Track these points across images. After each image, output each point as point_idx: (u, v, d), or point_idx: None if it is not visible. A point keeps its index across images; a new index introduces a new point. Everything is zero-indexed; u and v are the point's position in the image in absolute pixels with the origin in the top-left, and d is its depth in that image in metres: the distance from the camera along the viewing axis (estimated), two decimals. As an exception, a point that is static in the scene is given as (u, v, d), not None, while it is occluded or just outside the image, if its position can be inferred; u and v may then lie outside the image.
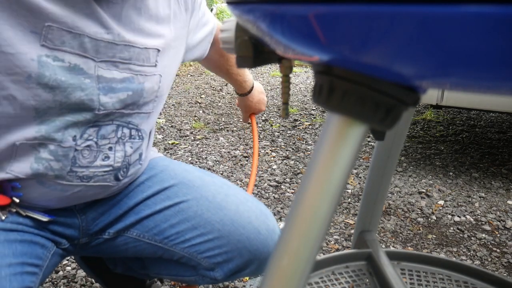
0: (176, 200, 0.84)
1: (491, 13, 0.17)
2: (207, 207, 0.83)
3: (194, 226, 0.82)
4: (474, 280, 0.78)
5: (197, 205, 0.83)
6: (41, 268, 0.74)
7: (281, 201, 1.89)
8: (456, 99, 2.13)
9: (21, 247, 0.70)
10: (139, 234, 0.85)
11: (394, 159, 0.77)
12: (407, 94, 0.27)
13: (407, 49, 0.20)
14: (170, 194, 0.85)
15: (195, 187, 0.86)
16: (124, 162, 0.78)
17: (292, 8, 0.23)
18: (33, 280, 0.69)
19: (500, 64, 0.19)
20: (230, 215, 0.82)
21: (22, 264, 0.68)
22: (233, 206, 0.83)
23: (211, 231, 0.81)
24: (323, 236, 0.30)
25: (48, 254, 0.77)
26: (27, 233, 0.73)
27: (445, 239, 1.61)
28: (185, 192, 0.85)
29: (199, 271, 0.86)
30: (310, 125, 3.02)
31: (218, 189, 0.86)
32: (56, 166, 0.72)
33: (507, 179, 2.12)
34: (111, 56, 0.71)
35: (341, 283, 0.78)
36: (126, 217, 0.85)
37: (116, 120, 0.75)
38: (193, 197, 0.84)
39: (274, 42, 0.29)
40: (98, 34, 0.68)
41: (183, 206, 0.84)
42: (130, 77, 0.74)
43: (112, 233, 0.85)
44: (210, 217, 0.82)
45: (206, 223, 0.82)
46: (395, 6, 0.19)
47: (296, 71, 5.25)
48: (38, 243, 0.75)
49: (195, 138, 2.71)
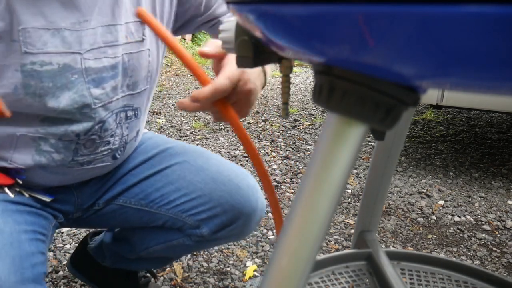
0: (160, 167, 0.89)
1: (491, 13, 0.17)
2: (189, 169, 0.87)
3: (177, 188, 0.86)
4: (474, 280, 0.78)
5: (180, 169, 0.88)
6: (47, 237, 0.77)
7: (281, 201, 1.89)
8: (456, 99, 2.13)
9: (30, 217, 0.74)
10: (125, 201, 0.89)
11: (394, 159, 0.77)
12: (407, 94, 0.27)
13: (407, 49, 0.20)
14: (155, 162, 0.89)
15: (178, 154, 0.90)
16: (121, 142, 0.81)
17: (292, 8, 0.23)
18: (44, 247, 0.73)
19: (500, 64, 0.19)
20: (211, 175, 0.86)
21: (34, 232, 0.72)
22: (214, 167, 0.88)
23: (194, 191, 0.85)
24: (323, 236, 0.30)
25: (50, 226, 0.80)
26: (32, 207, 0.77)
27: (445, 239, 1.61)
28: (169, 159, 0.89)
29: (186, 231, 0.89)
30: (310, 125, 3.02)
31: (200, 154, 0.91)
32: (57, 157, 0.74)
33: (507, 179, 2.12)
34: (93, 43, 0.69)
35: (341, 283, 0.78)
36: (114, 188, 0.89)
37: (115, 109, 0.76)
38: (176, 162, 0.89)
39: (273, 43, 0.29)
40: (76, 25, 0.66)
41: (167, 171, 0.88)
42: (120, 60, 0.73)
43: (101, 204, 0.89)
44: (193, 178, 0.86)
45: (189, 184, 0.86)
46: (395, 6, 0.19)
47: (296, 71, 5.24)
48: (42, 215, 0.78)
49: (195, 138, 2.71)
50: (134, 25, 0.74)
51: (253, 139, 2.71)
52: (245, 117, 0.63)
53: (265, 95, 3.89)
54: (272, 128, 2.96)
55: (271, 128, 2.95)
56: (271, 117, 3.23)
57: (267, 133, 2.84)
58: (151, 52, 0.79)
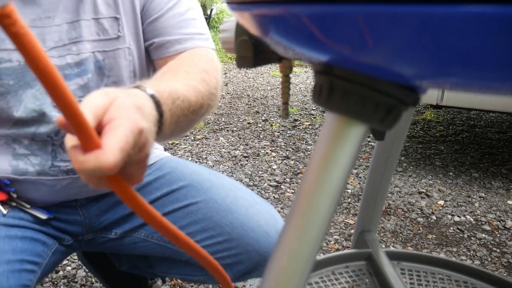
0: (185, 202, 0.83)
1: (491, 13, 0.17)
2: (216, 209, 0.81)
3: (203, 228, 0.81)
4: (474, 280, 0.78)
5: (207, 208, 0.82)
6: (40, 266, 0.74)
7: (281, 201, 1.89)
8: (456, 99, 2.13)
9: (21, 243, 0.70)
10: (147, 235, 0.84)
11: (394, 159, 0.77)
12: (407, 94, 0.27)
13: (407, 49, 0.20)
14: (179, 196, 0.84)
15: (204, 190, 0.84)
16: None
17: (292, 8, 0.23)
18: (30, 278, 0.69)
19: (500, 64, 0.19)
20: (240, 218, 0.80)
21: (21, 261, 0.68)
22: (243, 209, 0.82)
23: (221, 234, 0.80)
24: (323, 236, 0.30)
25: (49, 252, 0.76)
26: (28, 229, 0.73)
27: (445, 239, 1.61)
28: (194, 195, 0.83)
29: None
30: (310, 125, 3.02)
31: (227, 192, 0.85)
32: (35, 161, 0.70)
33: (507, 179, 2.12)
34: (58, 41, 0.66)
35: (341, 283, 0.78)
36: (133, 218, 0.84)
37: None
38: (202, 199, 0.83)
39: (273, 42, 0.29)
40: (37, 21, 0.63)
41: (192, 208, 0.82)
42: (87, 57, 0.69)
43: (119, 233, 0.84)
44: (220, 220, 0.81)
45: (216, 225, 0.80)
46: (395, 6, 0.19)
47: (296, 71, 5.24)
48: (39, 240, 0.75)
49: (195, 138, 2.71)
50: (108, 21, 0.70)
51: (253, 139, 2.71)
52: (139, 183, 0.46)
53: (265, 95, 3.89)
54: (272, 128, 2.96)
55: (271, 128, 2.95)
56: (271, 117, 3.23)
57: (267, 133, 2.84)
58: (132, 51, 0.74)
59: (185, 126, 0.63)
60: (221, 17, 6.80)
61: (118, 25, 0.71)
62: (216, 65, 0.74)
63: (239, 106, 3.50)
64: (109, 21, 0.70)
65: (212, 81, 0.68)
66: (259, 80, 4.58)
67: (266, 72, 5.09)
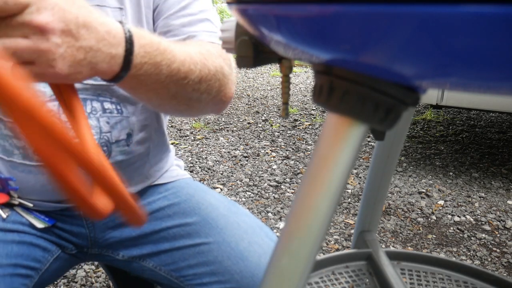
0: (197, 240, 0.80)
1: (491, 13, 0.17)
2: (228, 254, 0.78)
3: (212, 271, 0.78)
4: (474, 280, 0.78)
5: (218, 250, 0.78)
6: (38, 271, 0.72)
7: (281, 201, 1.89)
8: (456, 99, 2.13)
9: (17, 248, 0.69)
10: (155, 266, 0.82)
11: (394, 159, 0.77)
12: (407, 94, 0.27)
13: (407, 49, 0.20)
14: (191, 231, 0.80)
15: (219, 229, 0.80)
16: (102, 139, 0.72)
17: (292, 8, 0.23)
18: (25, 283, 0.69)
19: (500, 64, 0.19)
20: (251, 267, 0.77)
21: (15, 266, 0.67)
22: (255, 257, 0.78)
23: (229, 281, 0.77)
24: (323, 236, 0.30)
25: (49, 258, 0.75)
26: (28, 234, 0.72)
27: (445, 239, 1.61)
28: (207, 233, 0.80)
29: None
30: (310, 125, 3.02)
31: (242, 235, 0.81)
32: (18, 144, 0.69)
33: (507, 179, 2.12)
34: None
35: (341, 283, 0.78)
36: (141, 245, 0.82)
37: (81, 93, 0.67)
38: (215, 240, 0.79)
39: (273, 42, 0.29)
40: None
41: (203, 248, 0.79)
42: None
43: (126, 257, 0.82)
44: (230, 266, 0.77)
45: (226, 271, 0.77)
46: (395, 6, 0.19)
47: (296, 71, 5.24)
48: (39, 245, 0.74)
49: (195, 138, 2.71)
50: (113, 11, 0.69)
51: (253, 139, 2.71)
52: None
53: (265, 95, 3.89)
54: (272, 128, 2.96)
55: (271, 128, 2.95)
56: (271, 117, 3.23)
57: (267, 133, 2.84)
58: None
59: (172, 87, 0.58)
60: (221, 17, 6.80)
61: (122, 15, 0.69)
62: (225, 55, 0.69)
63: (239, 106, 3.50)
64: (114, 10, 0.68)
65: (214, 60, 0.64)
66: (259, 80, 4.58)
67: (266, 72, 5.08)
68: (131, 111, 0.74)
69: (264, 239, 0.81)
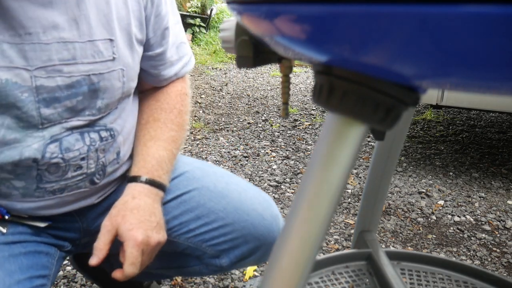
0: (178, 192, 0.83)
1: (491, 13, 0.17)
2: (209, 196, 0.82)
3: (197, 216, 0.81)
4: (474, 280, 0.78)
5: (199, 195, 0.82)
6: (49, 277, 0.73)
7: (281, 201, 1.89)
8: (456, 99, 2.13)
9: (26, 260, 0.69)
10: None
11: (394, 159, 0.77)
12: (407, 94, 0.27)
13: (407, 49, 0.20)
14: (171, 187, 0.84)
15: (196, 178, 0.85)
16: (98, 165, 0.74)
17: (292, 8, 0.23)
18: None
19: (500, 64, 0.19)
20: (233, 203, 0.81)
21: (31, 279, 0.67)
22: (236, 194, 0.82)
23: (215, 220, 0.80)
24: (323, 236, 0.30)
25: (53, 261, 0.76)
26: (30, 242, 0.72)
27: (445, 239, 1.61)
28: (186, 184, 0.84)
29: (204, 260, 0.84)
30: (310, 125, 3.02)
31: (219, 179, 0.85)
32: (18, 184, 0.68)
33: (507, 179, 2.12)
34: (46, 60, 0.62)
35: (341, 283, 0.78)
36: None
37: (76, 129, 0.69)
38: (194, 187, 0.83)
39: (274, 42, 0.29)
40: (17, 37, 0.59)
41: (185, 197, 0.83)
42: (80, 80, 0.67)
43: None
44: (213, 206, 0.81)
45: (210, 212, 0.81)
46: (395, 6, 0.19)
47: (296, 71, 5.25)
48: (42, 252, 0.74)
49: (195, 138, 2.71)
50: (103, 43, 0.68)
51: (253, 139, 2.71)
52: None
53: (265, 95, 3.89)
54: (272, 128, 2.96)
55: (271, 128, 2.95)
56: (271, 117, 3.23)
57: (267, 133, 2.84)
58: (126, 72, 0.73)
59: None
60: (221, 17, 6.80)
61: (113, 47, 0.70)
62: (187, 97, 0.88)
63: (239, 106, 3.50)
64: (103, 43, 0.68)
65: (184, 119, 0.86)
66: (259, 80, 4.58)
67: (266, 72, 5.09)
68: (119, 131, 0.78)
69: (240, 181, 0.87)
